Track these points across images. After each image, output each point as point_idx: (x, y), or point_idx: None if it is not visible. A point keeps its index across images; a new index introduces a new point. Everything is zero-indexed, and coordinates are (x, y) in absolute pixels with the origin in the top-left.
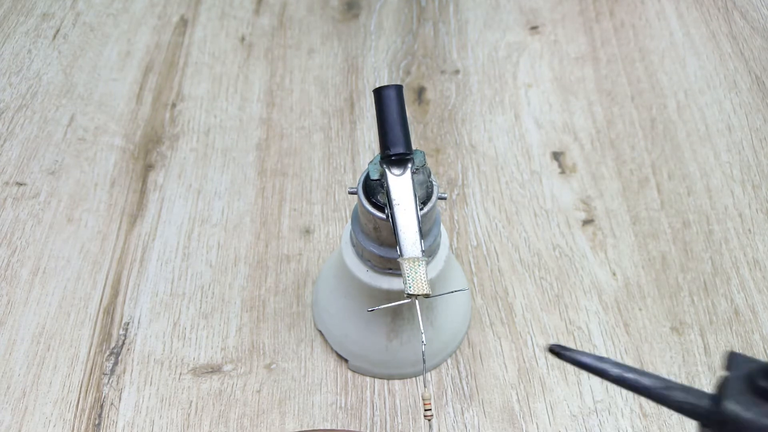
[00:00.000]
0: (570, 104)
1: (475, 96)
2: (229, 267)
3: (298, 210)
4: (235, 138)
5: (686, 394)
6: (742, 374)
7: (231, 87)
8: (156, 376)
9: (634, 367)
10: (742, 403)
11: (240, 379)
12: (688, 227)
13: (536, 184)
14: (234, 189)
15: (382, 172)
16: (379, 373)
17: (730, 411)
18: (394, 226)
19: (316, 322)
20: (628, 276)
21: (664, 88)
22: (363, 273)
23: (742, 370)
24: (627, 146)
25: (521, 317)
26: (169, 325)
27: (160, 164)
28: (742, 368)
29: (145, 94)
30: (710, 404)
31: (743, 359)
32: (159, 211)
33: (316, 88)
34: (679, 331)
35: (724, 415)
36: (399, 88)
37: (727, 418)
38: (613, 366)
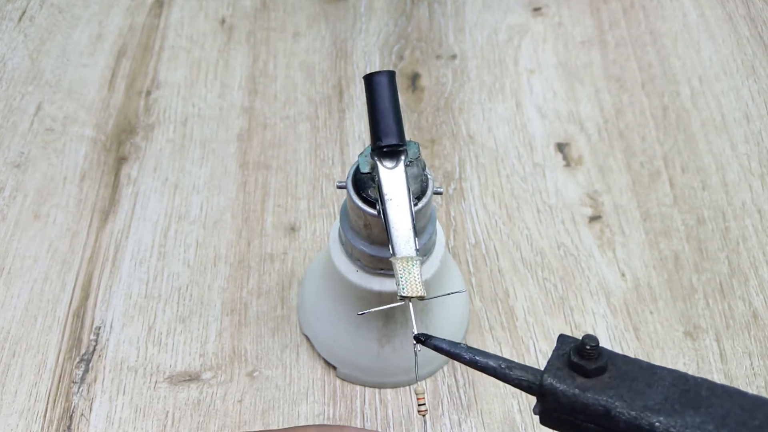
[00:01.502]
0: (576, 91)
1: (474, 83)
2: (208, 267)
3: (283, 206)
4: (215, 128)
5: (524, 372)
6: (562, 353)
7: (210, 73)
8: (129, 385)
9: (483, 351)
10: (559, 377)
11: (220, 387)
12: (703, 224)
13: (539, 178)
14: (213, 183)
15: (373, 165)
16: (369, 381)
17: (548, 384)
18: (386, 222)
19: (302, 327)
20: (638, 277)
21: (677, 74)
22: (352, 273)
23: (564, 350)
24: (637, 137)
25: (523, 321)
26: (144, 330)
27: (133, 156)
28: (565, 347)
29: (117, 81)
30: (539, 380)
31: (569, 339)
32: (133, 207)
33: (302, 75)
34: (693, 336)
35: (543, 389)
36: (391, 75)
37: (546, 391)
38: (465, 351)
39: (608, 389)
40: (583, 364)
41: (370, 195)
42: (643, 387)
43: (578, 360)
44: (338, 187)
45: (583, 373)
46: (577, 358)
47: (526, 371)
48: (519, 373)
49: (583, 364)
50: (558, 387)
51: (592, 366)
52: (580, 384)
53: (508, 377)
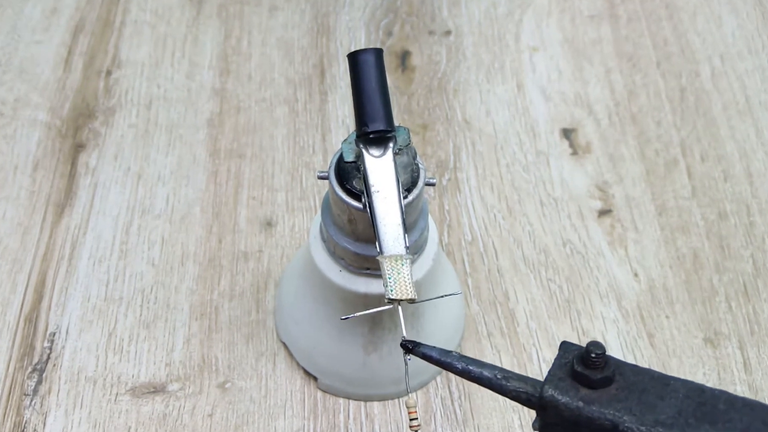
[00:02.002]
0: (583, 71)
1: (470, 62)
2: (175, 266)
3: (258, 198)
4: (183, 112)
5: (522, 383)
6: (565, 362)
7: (177, 51)
8: (88, 398)
9: (476, 359)
10: (560, 388)
11: (188, 400)
12: (725, 219)
13: (543, 167)
14: (181, 173)
15: (358, 153)
16: (354, 393)
17: (548, 396)
18: (373, 217)
19: (279, 333)
20: (652, 277)
21: (696, 51)
22: (335, 274)
23: (567, 358)
24: (652, 122)
25: (525, 327)
26: (104, 336)
27: (92, 143)
28: (568, 356)
29: (74, 60)
30: (539, 391)
31: (572, 346)
32: (91, 200)
33: (280, 53)
34: (714, 343)
35: (544, 401)
36: (379, 53)
37: (547, 404)
38: (458, 360)
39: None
40: (588, 374)
41: (355, 186)
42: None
43: (582, 369)
44: (319, 177)
45: (588, 383)
46: (581, 368)
47: (524, 382)
48: (517, 384)
49: (587, 374)
50: (560, 399)
51: (598, 376)
52: (584, 396)
53: (505, 389)
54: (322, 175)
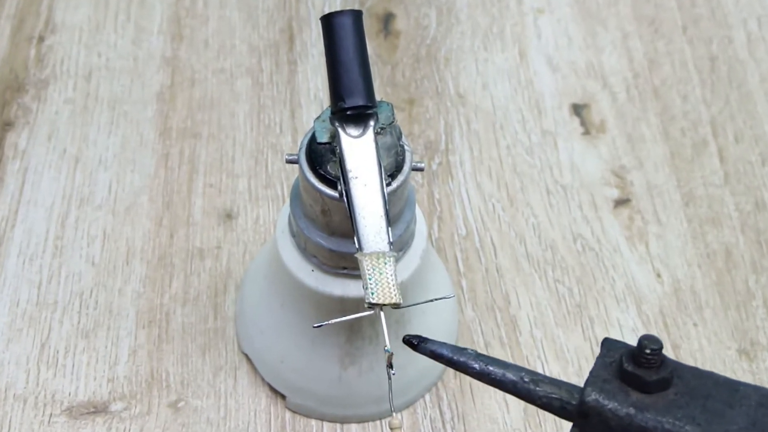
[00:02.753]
0: (597, 37)
1: (464, 25)
2: (118, 266)
3: (216, 186)
4: (128, 85)
5: (555, 388)
6: (610, 360)
7: (122, 13)
8: (17, 419)
9: (498, 359)
10: (606, 391)
11: (134, 422)
12: (763, 210)
13: (550, 150)
14: (126, 156)
15: (333, 133)
16: (329, 413)
17: (591, 401)
18: (351, 207)
19: (240, 343)
20: (678, 278)
21: (728, 14)
22: (307, 274)
23: (612, 357)
24: (677, 96)
25: (528, 335)
26: (35, 347)
27: (21, 121)
28: (613, 354)
29: (0, 24)
30: (578, 397)
31: (617, 344)
32: (21, 188)
33: (241, 15)
34: (749, 355)
35: (586, 407)
36: (357, 15)
37: (590, 410)
38: (474, 359)
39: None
40: (642, 374)
41: (329, 172)
42: (722, 407)
43: (634, 369)
44: (288, 161)
45: (641, 386)
46: (632, 367)
47: (558, 386)
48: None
49: (640, 375)
50: (606, 405)
51: (654, 377)
52: (636, 401)
53: (533, 394)
54: (291, 159)
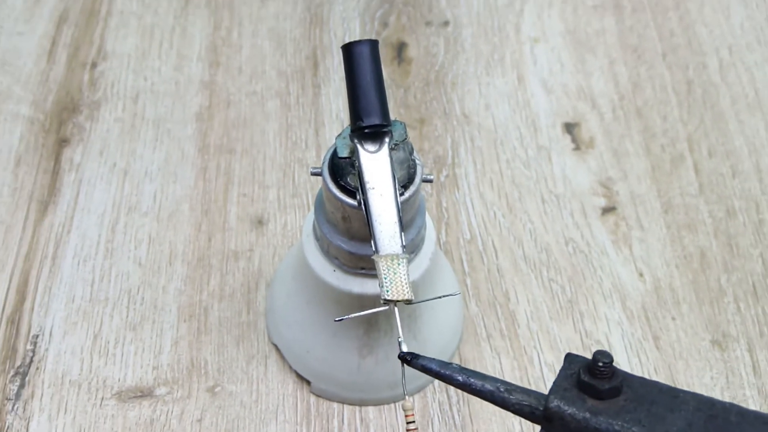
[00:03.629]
0: (586, 64)
1: (469, 53)
2: (162, 266)
3: (249, 195)
4: (170, 106)
5: (525, 396)
6: (571, 372)
7: (165, 42)
8: (72, 402)
9: (478, 372)
10: (566, 399)
11: (176, 405)
12: (734, 216)
13: (544, 163)
14: (169, 169)
15: (352, 149)
16: (348, 397)
17: (554, 406)
18: (368, 215)
19: (270, 335)
20: (658, 277)
21: (703, 43)
22: (329, 273)
23: (573, 369)
24: (657, 116)
25: (525, 328)
26: (89, 339)
27: (77, 138)
28: (573, 367)
29: (58, 51)
30: (543, 403)
31: (578, 358)
32: (76, 197)
33: (271, 44)
34: (722, 346)
35: (549, 412)
36: (374, 44)
37: (553, 415)
38: (458, 372)
39: (624, 413)
40: (596, 384)
41: (349, 183)
42: (664, 411)
43: (589, 380)
44: (313, 173)
45: (595, 394)
46: (588, 377)
47: (528, 395)
48: (520, 397)
49: (595, 384)
50: (566, 410)
51: (606, 386)
52: (591, 407)
53: (507, 402)
54: (315, 171)
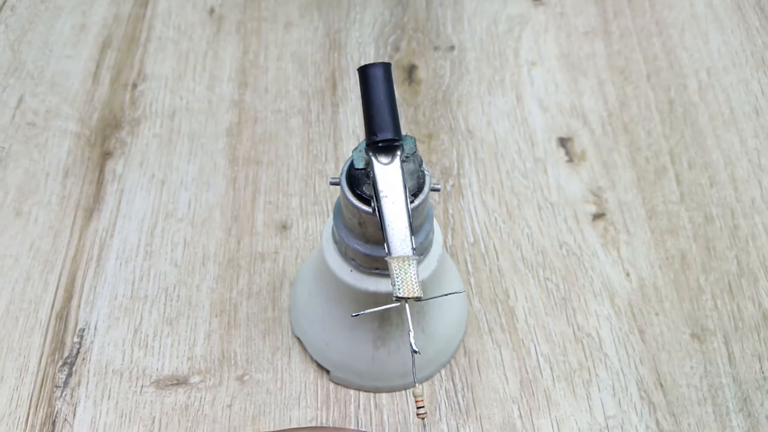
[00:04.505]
0: (578, 84)
1: (473, 75)
2: (196, 267)
3: (274, 203)
4: (204, 122)
5: None
6: None
7: (199, 65)
8: (115, 389)
9: None
10: None
11: (209, 392)
12: (711, 222)
13: (540, 174)
14: (202, 179)
15: (367, 161)
16: (364, 385)
17: None
18: (382, 220)
19: (293, 329)
20: (643, 277)
21: (684, 66)
22: (346, 273)
23: None
24: (642, 131)
25: (524, 323)
26: (130, 332)
27: (119, 151)
28: None
29: (102, 73)
30: None
31: None
32: (118, 204)
33: (294, 66)
34: (700, 339)
35: None
36: (387, 67)
37: None
38: None
39: None
40: None
41: (365, 192)
42: None
43: None
44: (332, 183)
45: None
46: None
47: None
48: None
49: None
50: None
51: None
52: None
53: None
54: (334, 182)
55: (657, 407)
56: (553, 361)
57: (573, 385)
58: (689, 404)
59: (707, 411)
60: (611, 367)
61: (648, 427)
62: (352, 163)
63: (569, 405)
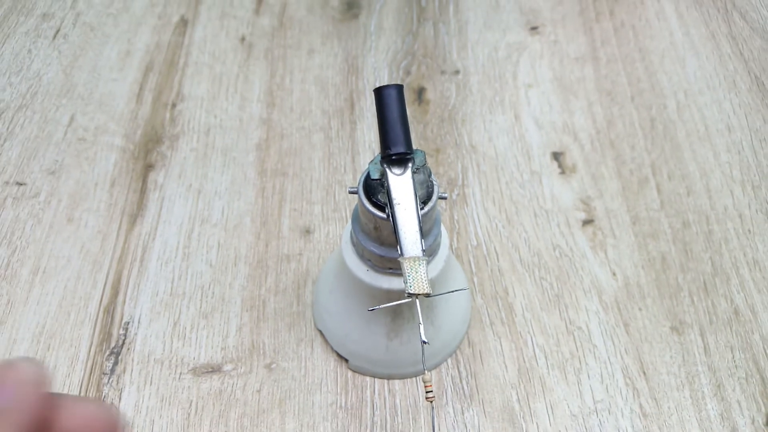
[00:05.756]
0: (570, 104)
1: (475, 96)
2: (229, 267)
3: (299, 210)
4: (235, 138)
5: None
6: None
7: (231, 87)
8: (156, 376)
9: None
10: None
11: (240, 378)
12: (688, 227)
13: (536, 184)
14: (234, 189)
15: (382, 172)
16: (379, 372)
17: None
18: (395, 225)
19: (316, 322)
20: (627, 276)
21: (663, 88)
22: (363, 272)
23: None
24: (627, 146)
25: (521, 317)
26: (170, 325)
27: (160, 164)
28: None
29: (145, 94)
30: None
31: None
32: (159, 211)
33: (317, 88)
34: (679, 331)
35: None
36: (400, 88)
37: None
38: None
39: None
40: None
41: (379, 200)
42: None
43: None
44: (350, 192)
45: None
46: None
47: None
48: None
49: None
50: None
51: None
52: None
53: None
54: (352, 191)
55: (640, 392)
56: (547, 351)
57: (565, 372)
58: (669, 390)
59: (685, 396)
60: (599, 357)
61: (632, 410)
62: (368, 174)
63: (562, 390)
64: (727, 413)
